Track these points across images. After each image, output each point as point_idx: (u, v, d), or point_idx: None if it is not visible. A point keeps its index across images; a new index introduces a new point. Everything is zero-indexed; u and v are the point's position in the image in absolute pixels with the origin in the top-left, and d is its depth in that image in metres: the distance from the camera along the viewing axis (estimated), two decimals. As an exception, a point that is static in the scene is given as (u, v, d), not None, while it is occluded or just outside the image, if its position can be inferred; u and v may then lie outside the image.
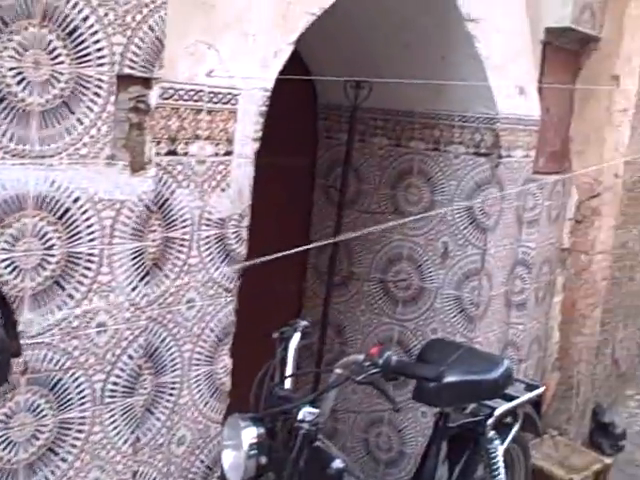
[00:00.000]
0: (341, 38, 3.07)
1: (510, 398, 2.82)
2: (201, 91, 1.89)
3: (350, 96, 3.10)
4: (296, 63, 3.35)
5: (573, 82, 3.56)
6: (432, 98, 3.13)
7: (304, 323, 2.26)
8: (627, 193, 4.49)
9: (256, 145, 2.05)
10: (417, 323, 3.46)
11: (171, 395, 2.10)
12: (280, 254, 2.10)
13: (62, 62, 1.55)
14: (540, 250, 3.67)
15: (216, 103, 1.93)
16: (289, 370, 2.16)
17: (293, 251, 2.20)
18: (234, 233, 2.09)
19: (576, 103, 3.65)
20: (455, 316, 3.37)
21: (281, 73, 2.08)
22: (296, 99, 3.44)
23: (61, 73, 1.55)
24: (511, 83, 3.04)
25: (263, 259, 2.13)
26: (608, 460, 4.12)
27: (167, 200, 1.89)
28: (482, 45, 2.84)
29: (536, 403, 3.04)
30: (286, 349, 2.21)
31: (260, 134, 2.05)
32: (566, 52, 3.46)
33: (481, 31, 2.81)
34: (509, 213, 3.38)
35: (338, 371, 2.08)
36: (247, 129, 2.01)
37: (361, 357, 2.02)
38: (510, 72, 3.04)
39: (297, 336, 2.20)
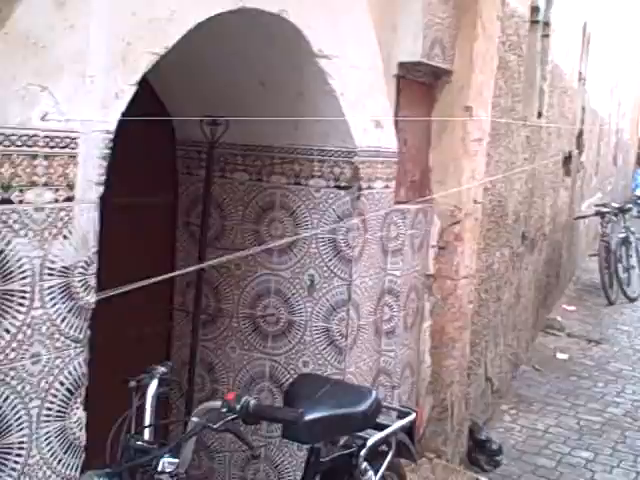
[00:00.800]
0: (197, 75, 3.04)
1: (383, 427, 2.84)
2: (35, 136, 1.81)
3: (207, 133, 3.07)
4: (152, 100, 3.31)
5: (429, 114, 3.68)
6: (290, 133, 3.15)
7: (162, 369, 2.19)
8: (488, 218, 4.66)
9: (100, 189, 1.98)
10: (288, 357, 3.44)
11: (19, 456, 1.98)
12: (124, 288, 2.04)
13: None
14: (406, 278, 3.74)
15: (53, 148, 1.85)
16: (147, 420, 2.09)
17: (136, 285, 2.14)
18: (80, 282, 2.00)
19: (433, 134, 3.76)
20: (325, 348, 3.37)
21: (134, 111, 2.03)
22: (154, 136, 3.38)
23: None
24: (367, 117, 3.10)
25: (111, 292, 2.05)
26: (484, 477, 4.23)
27: (2, 252, 1.79)
28: (336, 81, 2.88)
29: (409, 429, 3.08)
30: (143, 398, 2.13)
31: (104, 178, 1.98)
32: (420, 85, 3.57)
33: (334, 67, 2.85)
34: (373, 243, 3.43)
35: (195, 419, 2.02)
36: (89, 173, 1.94)
37: (218, 403, 1.97)
38: (366, 106, 3.10)
39: (154, 383, 2.13)
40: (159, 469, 1.97)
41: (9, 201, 1.79)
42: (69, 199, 1.91)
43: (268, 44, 2.76)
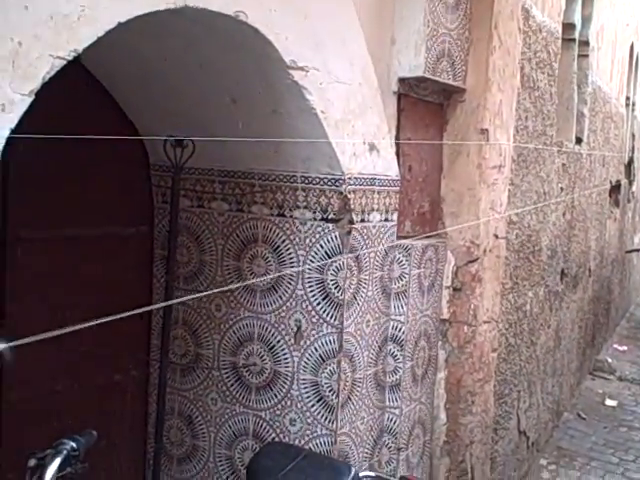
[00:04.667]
0: (161, 90, 2.68)
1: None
2: None
3: (171, 156, 2.69)
4: (123, 121, 2.96)
5: (439, 137, 3.24)
6: (270, 157, 2.75)
7: (71, 444, 1.78)
8: (515, 254, 4.17)
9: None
10: (274, 412, 3.01)
11: None
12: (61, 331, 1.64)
13: None
14: (413, 324, 3.28)
15: None
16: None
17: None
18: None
19: (445, 160, 3.31)
20: (314, 405, 2.93)
21: (103, 131, 1.66)
22: (129, 161, 3.03)
23: None
24: (358, 140, 2.68)
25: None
26: None
27: None
28: (315, 97, 2.47)
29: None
30: (40, 480, 1.72)
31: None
32: (427, 104, 3.14)
33: (312, 81, 2.45)
34: (370, 285, 2.99)
35: None
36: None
37: None
38: (355, 127, 2.69)
39: (55, 464, 1.72)
40: None
41: None
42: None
43: (236, 54, 2.38)
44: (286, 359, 2.96)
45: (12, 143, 2.24)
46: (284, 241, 2.89)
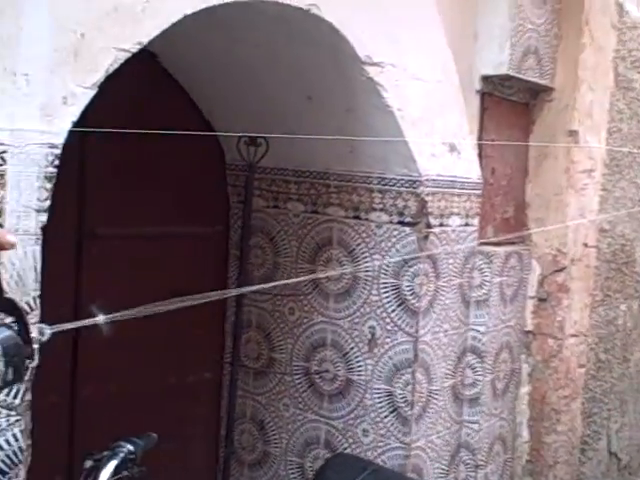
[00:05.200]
0: (236, 90, 2.63)
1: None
2: (-55, 147, 1.44)
3: (244, 154, 2.64)
4: (200, 120, 2.94)
5: (525, 139, 3.08)
6: (346, 157, 2.66)
7: (128, 447, 1.74)
8: (607, 265, 3.94)
9: (43, 218, 1.57)
10: (346, 422, 2.92)
11: None
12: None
13: None
14: (495, 335, 3.13)
15: (-30, 163, 1.47)
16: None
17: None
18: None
19: (531, 163, 3.15)
20: (387, 416, 2.82)
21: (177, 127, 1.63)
22: (206, 159, 3.00)
23: None
24: (437, 140, 2.57)
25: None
26: None
27: None
28: (391, 95, 2.37)
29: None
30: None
31: (48, 203, 1.58)
32: (512, 104, 2.98)
33: (388, 78, 2.35)
34: (449, 292, 2.86)
35: None
36: (25, 198, 1.54)
37: None
38: (435, 127, 2.57)
39: (111, 466, 1.68)
40: None
41: None
42: (-4, 228, 1.52)
43: (310, 49, 2.31)
44: (359, 367, 2.86)
45: (87, 139, 2.25)
46: (359, 244, 2.80)
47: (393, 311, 2.76)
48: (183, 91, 2.78)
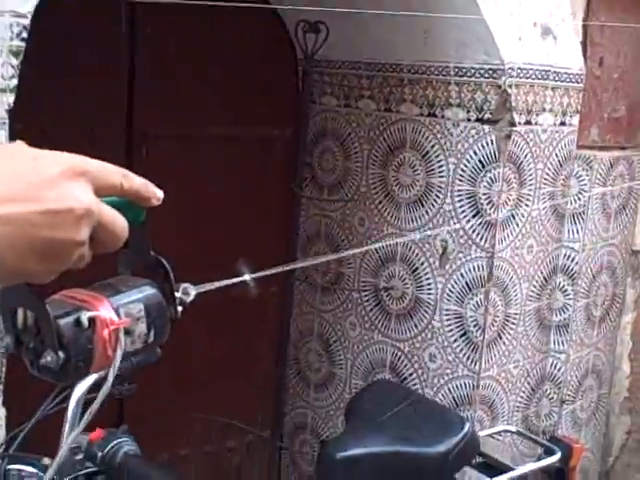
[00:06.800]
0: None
1: (501, 470, 1.95)
2: None
3: (302, 43, 2.33)
4: (270, 15, 2.63)
5: (642, 25, 2.58)
6: (419, 45, 2.32)
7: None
8: None
9: (10, 98, 1.35)
10: (413, 345, 2.65)
11: None
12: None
13: None
14: (592, 253, 2.73)
15: None
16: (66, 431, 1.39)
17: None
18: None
19: (649, 55, 2.66)
20: (456, 340, 2.53)
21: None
22: (274, 56, 2.71)
23: None
24: (526, 20, 2.16)
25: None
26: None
27: None
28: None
29: (558, 472, 2.13)
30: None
31: (16, 82, 1.35)
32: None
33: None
34: (536, 202, 2.48)
35: (46, 461, 1.28)
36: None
37: (85, 441, 1.24)
38: (523, 4, 2.16)
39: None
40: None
41: None
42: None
43: None
44: (429, 285, 2.57)
45: (139, 25, 2.02)
46: (434, 146, 2.46)
47: (467, 221, 2.42)
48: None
